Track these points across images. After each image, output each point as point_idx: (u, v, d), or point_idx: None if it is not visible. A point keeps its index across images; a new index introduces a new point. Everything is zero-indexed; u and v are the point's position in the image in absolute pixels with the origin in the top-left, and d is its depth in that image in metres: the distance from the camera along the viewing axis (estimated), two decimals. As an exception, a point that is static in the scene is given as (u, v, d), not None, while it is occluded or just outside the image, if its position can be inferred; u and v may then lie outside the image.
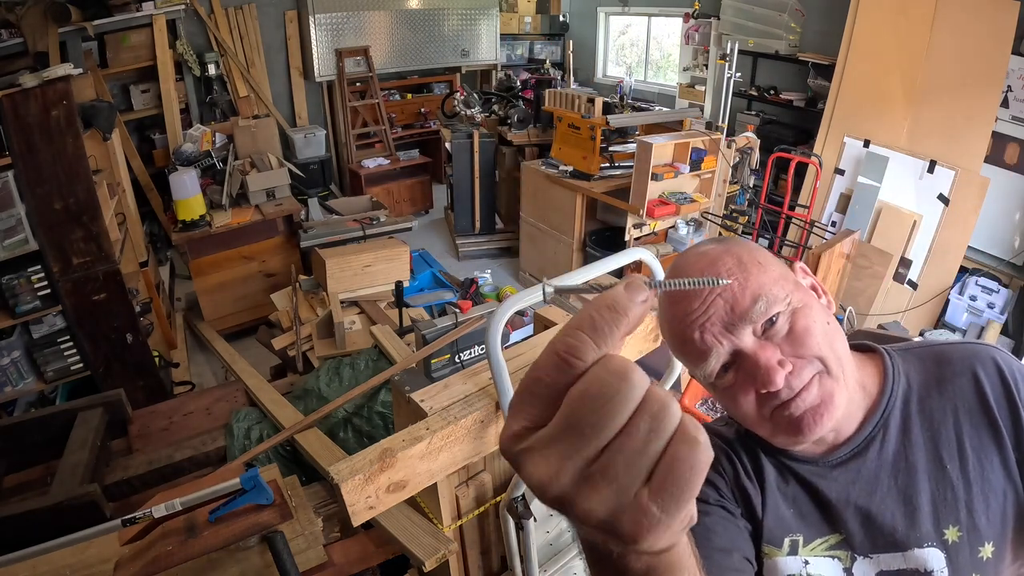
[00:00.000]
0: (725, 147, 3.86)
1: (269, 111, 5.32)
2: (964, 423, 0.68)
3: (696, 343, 0.65)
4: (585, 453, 0.28)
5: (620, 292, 0.31)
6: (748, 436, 0.77)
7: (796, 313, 0.65)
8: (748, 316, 0.63)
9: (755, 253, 0.67)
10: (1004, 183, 3.56)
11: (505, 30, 6.82)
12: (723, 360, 0.65)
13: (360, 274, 2.89)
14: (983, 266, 3.70)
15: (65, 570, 1.36)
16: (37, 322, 2.54)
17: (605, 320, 0.30)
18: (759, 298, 0.63)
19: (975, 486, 0.66)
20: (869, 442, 0.70)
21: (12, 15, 3.94)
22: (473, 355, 1.79)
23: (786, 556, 0.71)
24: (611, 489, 0.28)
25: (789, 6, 4.93)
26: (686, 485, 0.28)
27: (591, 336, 0.30)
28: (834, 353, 0.65)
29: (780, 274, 0.66)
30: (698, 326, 0.64)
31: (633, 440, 0.28)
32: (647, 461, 0.28)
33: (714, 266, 0.66)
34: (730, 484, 0.75)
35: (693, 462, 0.28)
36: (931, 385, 0.72)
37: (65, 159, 2.38)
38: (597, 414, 0.28)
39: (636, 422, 0.28)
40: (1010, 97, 3.50)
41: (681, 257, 0.72)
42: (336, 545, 1.53)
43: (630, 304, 0.30)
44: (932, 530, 0.67)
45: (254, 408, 2.23)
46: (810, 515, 0.72)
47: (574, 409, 0.29)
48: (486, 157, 4.86)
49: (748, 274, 0.64)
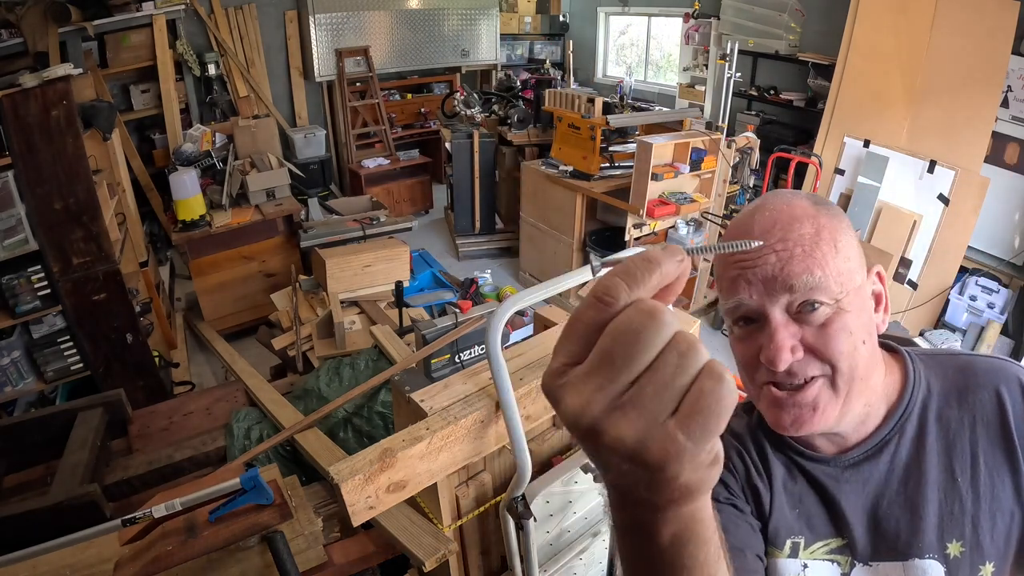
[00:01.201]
0: (725, 147, 3.86)
1: (269, 111, 5.32)
2: (981, 438, 0.67)
3: (731, 280, 0.65)
4: (616, 384, 0.30)
5: (657, 249, 0.33)
6: (759, 429, 0.77)
7: (839, 314, 0.62)
8: (789, 287, 0.61)
9: (839, 234, 0.64)
10: (1004, 183, 3.56)
11: (505, 30, 6.82)
12: (745, 311, 0.64)
13: (360, 274, 2.89)
14: (983, 266, 3.70)
15: (65, 570, 1.36)
16: (37, 322, 2.54)
17: (639, 267, 0.32)
18: (810, 278, 0.61)
19: (984, 503, 0.65)
20: (883, 445, 0.69)
21: (12, 15, 3.94)
22: (473, 355, 1.79)
23: (786, 558, 0.71)
24: (640, 417, 0.30)
25: (789, 6, 4.93)
26: (711, 415, 0.29)
27: (625, 280, 0.32)
28: (849, 370, 0.63)
29: (849, 269, 0.63)
30: (740, 267, 0.63)
31: (661, 373, 0.30)
32: (674, 393, 0.30)
33: (791, 222, 0.63)
34: (741, 482, 0.74)
35: (719, 395, 0.29)
36: (951, 394, 0.70)
37: (65, 159, 2.37)
38: (628, 348, 0.30)
39: (665, 357, 0.30)
40: (1010, 97, 3.50)
41: (773, 195, 0.70)
42: (336, 545, 1.53)
43: (664, 258, 0.33)
44: (935, 542, 0.65)
45: (254, 408, 2.23)
46: (815, 516, 0.71)
47: (607, 344, 0.31)
48: (486, 157, 4.86)
49: (817, 250, 0.62)
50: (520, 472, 1.35)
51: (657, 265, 0.32)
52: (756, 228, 0.65)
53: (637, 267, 0.32)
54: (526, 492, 1.41)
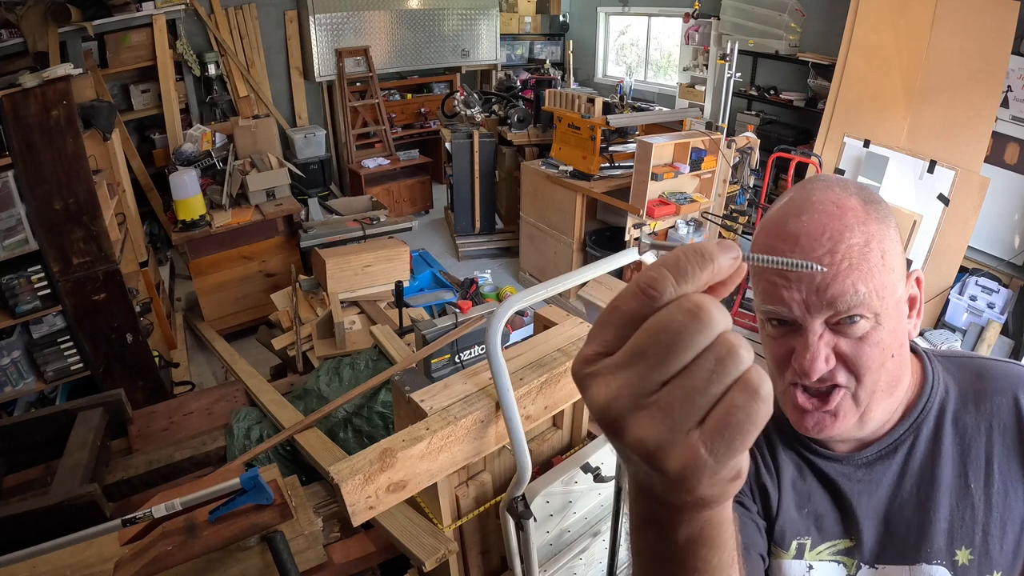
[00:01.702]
0: (725, 147, 3.86)
1: (269, 111, 5.32)
2: (996, 444, 0.66)
3: (770, 283, 0.62)
4: (647, 383, 0.29)
5: (711, 243, 0.31)
6: (772, 425, 0.75)
7: (876, 329, 0.61)
8: (832, 305, 0.59)
9: (887, 243, 0.61)
10: (1004, 183, 3.56)
11: (505, 30, 6.82)
12: (781, 316, 0.63)
13: (360, 274, 2.89)
14: (983, 266, 3.70)
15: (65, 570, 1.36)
16: (37, 322, 2.54)
17: (690, 261, 0.30)
18: (854, 297, 0.59)
19: (996, 511, 0.64)
20: (898, 446, 0.68)
21: (12, 15, 3.94)
22: (473, 355, 1.79)
23: (792, 559, 0.70)
24: (665, 422, 0.28)
25: (789, 6, 4.93)
26: (738, 433, 0.28)
27: (673, 273, 0.30)
28: (872, 384, 0.63)
29: (892, 281, 0.61)
30: (784, 276, 0.61)
31: (694, 378, 0.28)
32: (705, 401, 0.28)
33: (842, 233, 0.59)
34: (750, 480, 0.74)
35: (750, 412, 0.28)
36: (968, 398, 0.69)
37: (65, 159, 2.37)
38: (663, 347, 0.28)
39: (701, 361, 0.28)
40: (1010, 97, 3.50)
41: (822, 187, 0.64)
42: (336, 545, 1.53)
43: (718, 254, 0.30)
44: (944, 548, 0.64)
45: (254, 408, 2.23)
46: (824, 515, 0.70)
47: (643, 339, 0.29)
48: (486, 157, 4.86)
49: (864, 263, 0.59)
50: (520, 472, 1.35)
51: (710, 260, 0.30)
52: (803, 234, 0.61)
53: (688, 260, 0.30)
54: (526, 492, 1.41)
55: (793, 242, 0.61)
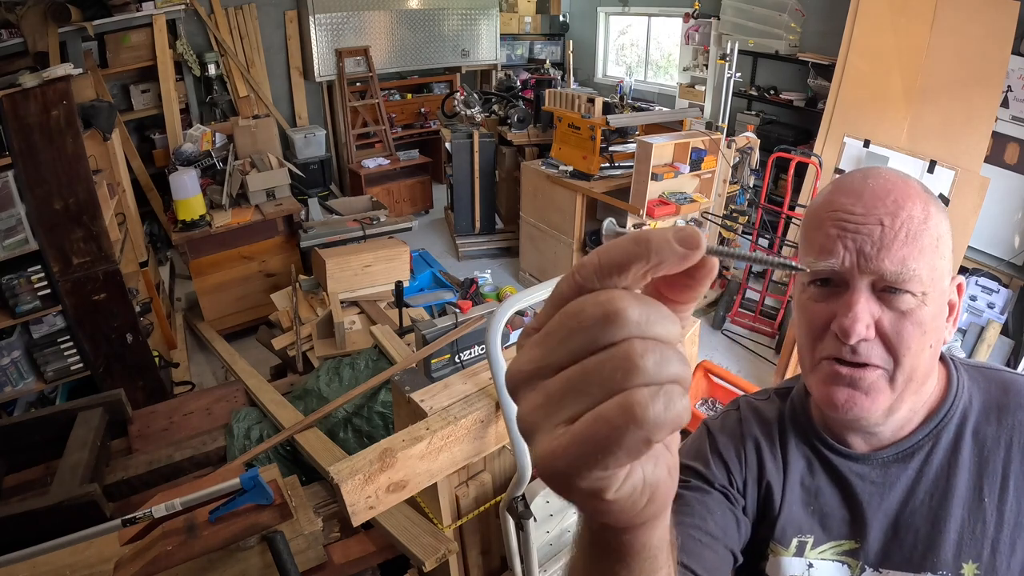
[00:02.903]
0: (725, 147, 3.86)
1: (269, 111, 5.32)
2: (1015, 460, 0.65)
3: (826, 238, 0.61)
4: (545, 364, 0.27)
5: (660, 232, 0.28)
6: (788, 418, 0.75)
7: (920, 308, 0.60)
8: (883, 269, 0.59)
9: (943, 228, 0.62)
10: (1004, 183, 3.56)
11: (505, 30, 6.82)
12: (829, 273, 0.62)
13: (360, 274, 2.89)
14: (983, 266, 3.70)
15: (65, 570, 1.36)
16: (37, 322, 2.54)
17: (620, 251, 0.27)
18: (905, 269, 0.58)
19: (1007, 528, 0.63)
20: (916, 450, 0.67)
21: (12, 15, 3.94)
22: (473, 355, 1.79)
23: (791, 556, 0.70)
24: (542, 407, 0.27)
25: (789, 6, 4.93)
26: (593, 447, 0.25)
27: (601, 261, 0.28)
28: (910, 369, 0.61)
29: (942, 267, 0.61)
30: (842, 227, 0.60)
31: (580, 374, 0.26)
32: (581, 401, 0.26)
33: (906, 198, 0.60)
34: (743, 473, 0.73)
35: (616, 431, 0.25)
36: (991, 410, 0.68)
37: (65, 159, 2.37)
38: (564, 333, 0.27)
39: (594, 360, 0.26)
40: (1010, 97, 3.49)
41: (887, 169, 0.65)
42: (336, 545, 1.53)
43: (664, 246, 0.27)
44: (951, 560, 0.63)
45: (254, 408, 2.23)
46: (831, 514, 0.69)
47: (554, 322, 0.28)
48: (486, 157, 4.86)
49: (921, 238, 0.59)
50: (520, 472, 1.35)
51: (643, 255, 0.27)
52: (868, 192, 0.61)
53: (619, 250, 0.27)
54: (526, 492, 1.41)
55: (856, 197, 0.61)
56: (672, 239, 0.27)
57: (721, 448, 0.75)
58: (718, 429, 0.78)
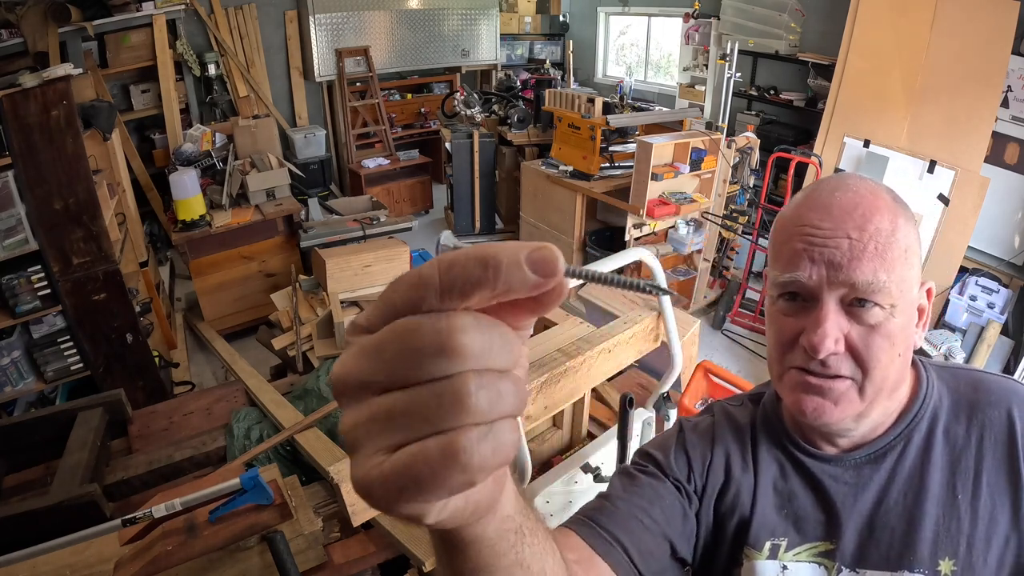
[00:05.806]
0: (725, 147, 3.86)
1: (269, 111, 5.32)
2: (986, 457, 0.65)
3: (793, 252, 0.62)
4: (373, 380, 0.26)
5: (512, 253, 0.25)
6: (760, 422, 0.76)
7: (889, 321, 0.61)
8: (852, 282, 0.59)
9: (911, 239, 0.62)
10: (1004, 183, 3.56)
11: (505, 30, 6.82)
12: (797, 288, 0.62)
13: (360, 274, 2.89)
14: (983, 266, 3.70)
15: (65, 570, 1.36)
16: (37, 322, 2.54)
17: (464, 270, 0.25)
18: (875, 280, 0.59)
19: (981, 524, 0.64)
20: (888, 450, 0.68)
21: (12, 15, 3.94)
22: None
23: (765, 559, 0.69)
24: (364, 425, 0.25)
25: (789, 6, 4.93)
26: (411, 485, 0.24)
27: (441, 278, 0.25)
28: (880, 380, 0.62)
29: (911, 278, 0.62)
30: (808, 242, 0.61)
31: (406, 403, 0.25)
32: (403, 432, 0.25)
33: (873, 212, 0.60)
34: (704, 478, 0.73)
35: (435, 471, 0.24)
36: (962, 409, 0.69)
37: (65, 159, 2.37)
38: (396, 353, 0.25)
39: (425, 390, 0.24)
40: (1010, 97, 3.50)
41: (855, 178, 0.65)
42: (336, 545, 1.53)
43: (514, 273, 0.25)
44: (927, 557, 0.64)
45: (254, 408, 2.23)
46: (805, 517, 0.70)
47: (387, 335, 0.26)
48: (486, 157, 4.86)
49: (889, 251, 0.60)
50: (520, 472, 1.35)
51: (489, 282, 0.25)
52: (836, 206, 0.61)
53: (463, 272, 0.25)
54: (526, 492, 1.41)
55: (825, 212, 0.62)
56: (524, 263, 0.25)
57: (688, 446, 0.76)
58: (691, 428, 0.79)
